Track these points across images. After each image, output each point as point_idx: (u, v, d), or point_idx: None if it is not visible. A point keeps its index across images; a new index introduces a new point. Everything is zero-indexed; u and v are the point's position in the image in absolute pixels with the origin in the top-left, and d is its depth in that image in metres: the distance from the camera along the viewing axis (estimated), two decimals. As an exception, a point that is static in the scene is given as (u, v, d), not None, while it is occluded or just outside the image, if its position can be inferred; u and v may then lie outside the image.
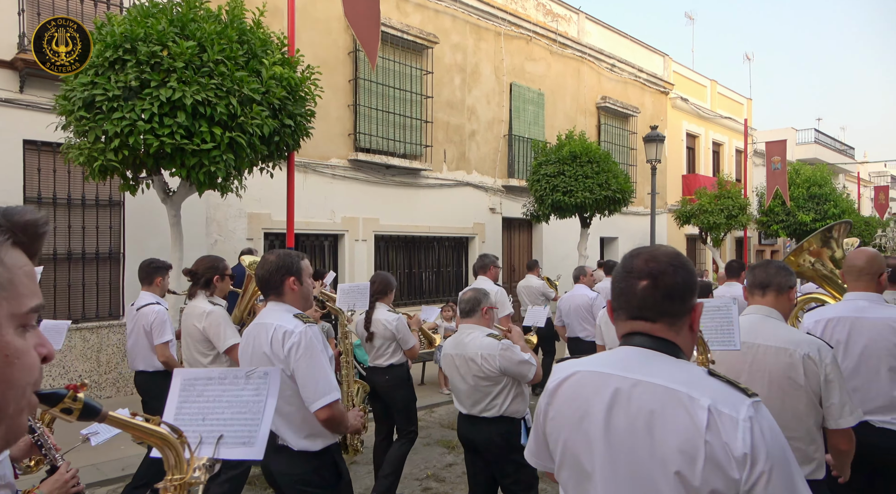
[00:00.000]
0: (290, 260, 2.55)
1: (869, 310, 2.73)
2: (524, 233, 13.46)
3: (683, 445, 1.17)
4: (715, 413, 1.16)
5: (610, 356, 1.39)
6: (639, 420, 1.23)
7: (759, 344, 2.28)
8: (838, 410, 2.16)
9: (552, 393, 1.42)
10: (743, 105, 21.81)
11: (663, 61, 17.54)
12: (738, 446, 1.14)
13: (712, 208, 14.48)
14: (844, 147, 30.22)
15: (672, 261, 1.34)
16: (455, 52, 11.35)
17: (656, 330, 1.32)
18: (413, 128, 10.53)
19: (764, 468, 1.13)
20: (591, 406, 1.30)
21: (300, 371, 2.33)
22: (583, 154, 10.18)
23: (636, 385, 1.26)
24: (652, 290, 1.31)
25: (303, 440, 2.40)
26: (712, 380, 1.24)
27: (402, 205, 10.44)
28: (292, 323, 2.40)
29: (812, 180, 18.44)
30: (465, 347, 3.22)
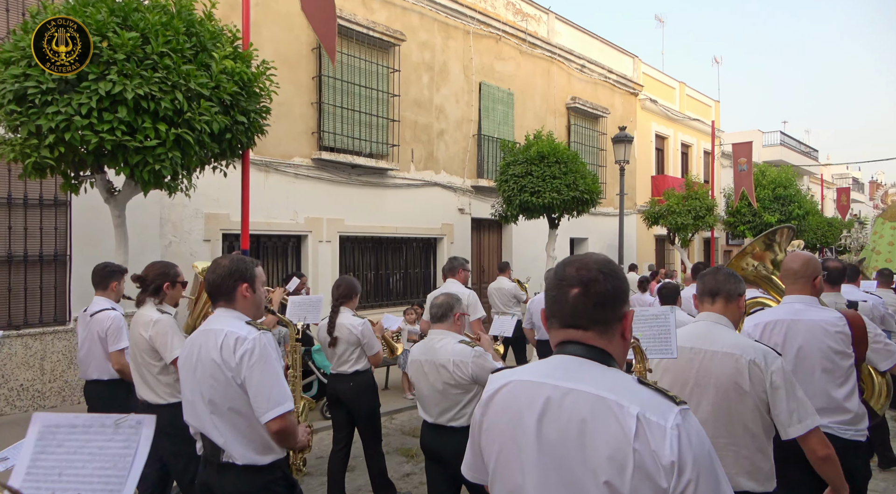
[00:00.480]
0: (244, 266, 2.44)
1: (804, 313, 2.78)
2: (494, 233, 13.36)
3: (613, 453, 1.16)
4: (643, 421, 1.16)
5: (543, 364, 1.37)
6: (570, 429, 1.22)
7: (705, 349, 2.25)
8: (787, 418, 2.11)
9: (486, 403, 1.39)
10: (711, 107, 22.08)
11: (633, 63, 17.63)
12: (665, 454, 1.13)
13: (680, 209, 14.58)
14: (809, 149, 30.90)
15: (602, 269, 1.33)
16: (423, 51, 11.17)
17: (588, 338, 1.32)
18: (379, 126, 10.32)
19: (691, 476, 1.13)
20: (524, 416, 1.28)
21: (253, 379, 2.21)
22: (550, 154, 10.10)
23: (568, 393, 1.25)
24: (583, 298, 1.31)
25: (251, 453, 2.26)
26: (642, 388, 1.24)
27: (368, 206, 10.23)
28: (245, 330, 2.28)
29: (777, 181, 18.76)
30: (435, 353, 3.13)
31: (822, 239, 21.11)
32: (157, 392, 3.34)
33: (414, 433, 5.97)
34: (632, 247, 17.20)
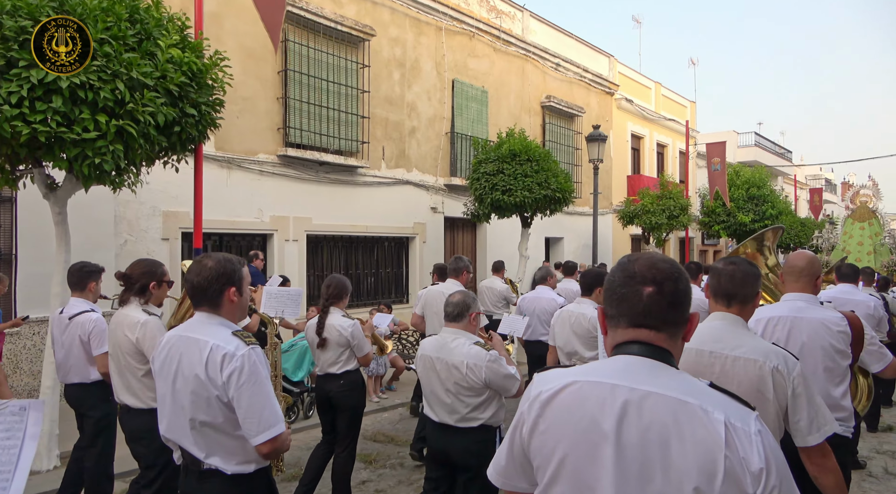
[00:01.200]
0: (232, 267, 2.26)
1: (807, 311, 2.79)
2: (468, 232, 13.20)
3: (703, 461, 1.15)
4: (731, 427, 1.16)
5: (609, 365, 1.32)
6: (652, 433, 1.19)
7: (726, 354, 2.16)
8: (807, 425, 2.04)
9: (545, 403, 1.32)
10: (686, 107, 22.20)
11: (609, 62, 17.62)
12: (754, 461, 1.14)
13: (654, 208, 14.57)
14: (783, 150, 31.28)
15: (675, 269, 1.32)
16: (394, 46, 10.97)
17: (659, 339, 1.29)
18: (349, 123, 10.10)
19: (775, 482, 1.15)
20: (599, 418, 1.24)
21: (242, 401, 2.07)
22: (522, 152, 9.97)
23: (646, 396, 1.22)
24: (658, 297, 1.28)
25: (234, 466, 2.16)
26: (717, 393, 1.23)
27: (337, 204, 10.00)
28: (233, 344, 2.11)
29: (751, 182, 18.89)
30: (450, 353, 3.08)
31: (795, 239, 21.34)
32: (140, 396, 3.22)
33: (375, 438, 5.78)
34: (607, 247, 17.18)
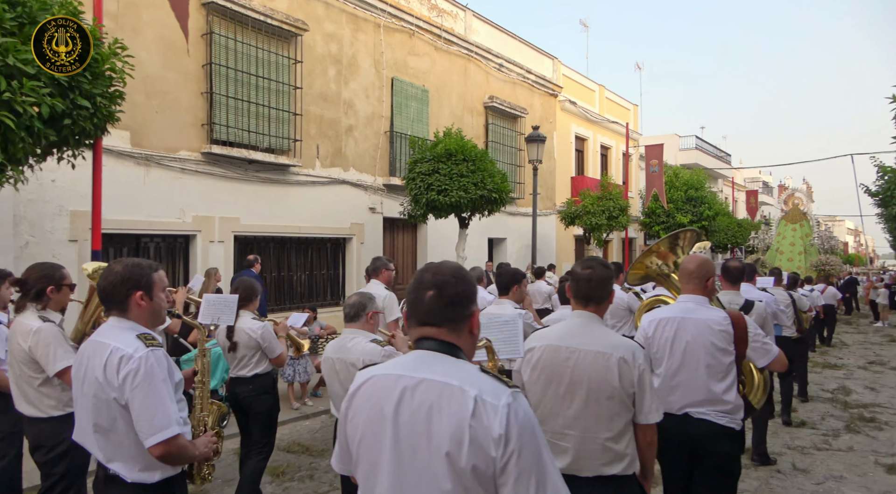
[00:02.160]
0: (140, 272, 2.28)
1: (694, 311, 2.96)
2: (408, 233, 13.04)
3: (454, 430, 1.34)
4: (480, 401, 1.34)
5: (403, 359, 1.54)
6: (420, 412, 1.39)
7: (580, 348, 2.36)
8: (648, 406, 2.30)
9: (352, 397, 1.54)
10: (630, 110, 22.63)
11: (553, 64, 17.76)
12: (495, 428, 1.31)
13: (594, 209, 14.74)
14: (722, 154, 32.34)
15: (454, 274, 1.54)
16: (329, 42, 10.71)
17: (441, 334, 1.50)
18: (280, 120, 9.78)
19: (515, 446, 1.31)
20: (383, 404, 1.44)
21: (135, 402, 2.09)
22: (458, 152, 9.87)
23: (421, 382, 1.42)
24: (437, 299, 1.50)
25: (138, 473, 2.15)
26: (483, 375, 1.42)
27: (268, 204, 9.67)
28: (132, 346, 2.13)
29: (689, 184, 19.39)
30: (347, 352, 3.18)
31: (731, 239, 22.07)
32: (39, 405, 3.09)
33: (289, 449, 5.54)
34: (551, 247, 17.31)
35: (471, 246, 13.34)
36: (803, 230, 23.34)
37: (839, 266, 23.84)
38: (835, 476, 5.09)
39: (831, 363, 10.82)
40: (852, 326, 17.39)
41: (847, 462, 5.45)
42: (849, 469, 5.27)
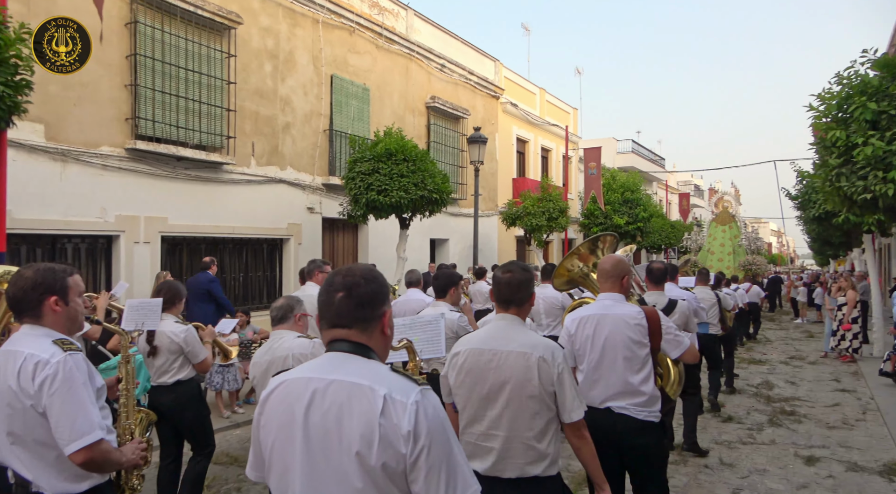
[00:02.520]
0: (53, 277, 2.19)
1: (611, 308, 3.10)
2: (348, 234, 12.81)
3: (363, 429, 1.34)
4: (389, 400, 1.35)
5: (315, 362, 1.53)
6: (330, 413, 1.39)
7: (501, 349, 2.39)
8: (570, 404, 2.33)
9: (263, 402, 1.53)
10: (569, 114, 23.09)
11: (494, 66, 17.88)
12: (404, 425, 1.33)
13: (535, 210, 14.92)
14: (657, 157, 33.52)
15: (364, 275, 1.54)
16: (265, 37, 10.36)
17: (352, 335, 1.50)
18: (212, 116, 9.38)
19: (424, 442, 1.33)
20: (294, 408, 1.43)
21: (54, 408, 1.99)
22: (398, 152, 9.75)
23: (331, 383, 1.42)
24: (347, 300, 1.50)
25: (62, 482, 2.06)
26: (393, 374, 1.44)
27: (199, 203, 9.26)
28: (48, 352, 2.04)
29: (626, 186, 19.95)
30: (275, 351, 3.15)
31: (665, 239, 22.88)
32: None
33: (216, 460, 5.27)
34: (493, 249, 17.43)
35: (413, 247, 13.25)
36: (732, 231, 24.51)
37: (764, 265, 25.11)
38: (758, 470, 5.29)
39: (756, 358, 11.34)
40: (775, 323, 18.34)
41: (769, 456, 5.67)
42: (771, 462, 5.49)
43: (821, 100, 6.81)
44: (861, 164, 6.30)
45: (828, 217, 11.92)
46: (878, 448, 5.88)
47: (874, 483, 4.97)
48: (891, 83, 6.27)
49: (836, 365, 10.67)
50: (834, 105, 6.63)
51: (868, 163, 6.22)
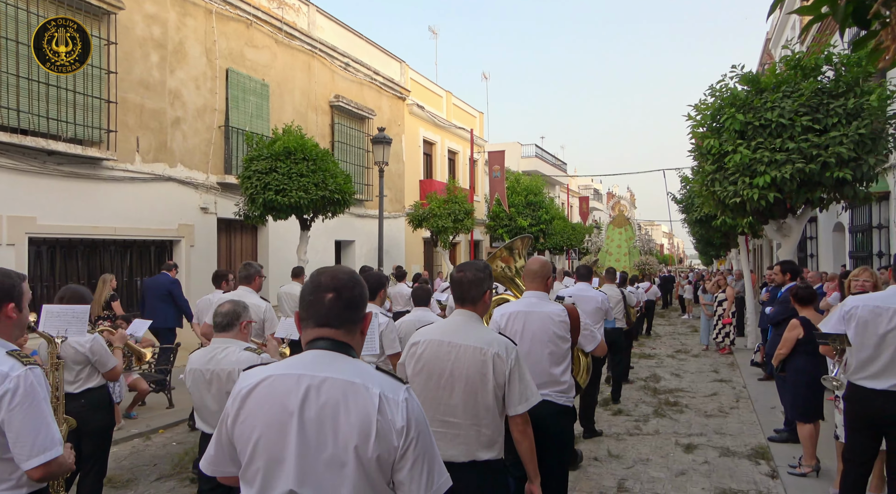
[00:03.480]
0: (10, 283, 2.17)
1: (537, 305, 3.36)
2: (247, 235, 12.26)
3: (361, 424, 1.46)
4: (384, 398, 1.49)
5: (300, 359, 1.58)
6: (327, 409, 1.49)
7: (459, 343, 2.54)
8: (517, 399, 2.51)
9: (244, 397, 1.55)
10: (476, 117, 23.47)
11: (400, 67, 17.83)
12: (398, 420, 1.49)
13: (441, 212, 15.01)
14: (559, 162, 34.88)
15: (352, 278, 1.64)
16: (151, 24, 9.69)
17: (338, 335, 1.59)
18: (89, 107, 8.63)
19: (413, 435, 1.50)
20: (286, 402, 1.50)
21: (14, 422, 1.97)
22: (298, 150, 9.45)
23: (325, 381, 1.51)
24: (336, 301, 1.59)
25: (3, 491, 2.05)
26: (379, 373, 1.57)
27: (74, 202, 8.49)
28: (7, 365, 2.01)
29: (530, 189, 20.56)
30: (219, 363, 3.07)
31: (567, 241, 23.80)
32: None
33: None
34: (400, 250, 17.36)
35: (316, 249, 12.90)
36: (627, 233, 25.94)
37: (656, 265, 26.77)
38: (642, 459, 5.56)
39: (646, 353, 12.02)
40: (665, 319, 19.58)
41: (653, 445, 5.99)
42: (654, 452, 5.79)
43: (697, 110, 7.31)
44: (732, 171, 6.82)
45: (708, 220, 12.86)
46: (748, 434, 6.37)
47: (743, 466, 5.37)
48: (755, 97, 6.83)
49: (716, 357, 11.53)
50: (708, 115, 7.15)
51: (737, 169, 6.74)
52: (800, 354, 4.90)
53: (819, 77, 6.86)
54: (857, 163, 6.42)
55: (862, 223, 10.24)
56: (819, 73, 6.89)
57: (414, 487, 1.50)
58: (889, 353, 3.43)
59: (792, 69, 6.95)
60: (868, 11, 1.69)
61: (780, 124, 6.52)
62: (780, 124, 6.52)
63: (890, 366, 3.43)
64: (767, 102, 6.65)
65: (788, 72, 6.94)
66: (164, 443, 6.07)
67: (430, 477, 1.52)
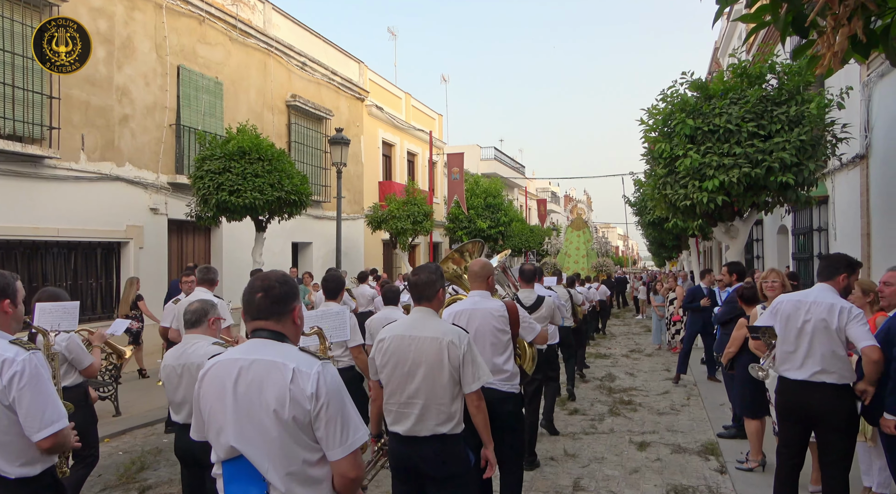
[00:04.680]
0: (5, 281, 2.44)
1: (480, 303, 3.73)
2: (200, 237, 11.93)
3: (278, 393, 1.85)
4: (297, 371, 1.86)
5: (242, 346, 2.01)
6: (253, 384, 1.89)
7: (419, 335, 2.90)
8: (470, 379, 2.88)
9: (201, 379, 2.01)
10: (435, 120, 23.49)
11: (359, 68, 17.69)
12: (308, 388, 1.84)
13: (400, 214, 14.95)
14: (518, 165, 35.23)
15: (278, 280, 2.04)
16: (97, 18, 9.33)
17: (269, 325, 2.00)
18: (29, 103, 8.24)
19: (324, 400, 1.85)
20: (225, 380, 1.93)
21: (24, 400, 2.26)
22: (253, 150, 9.25)
23: (253, 362, 1.92)
24: (265, 299, 2.00)
25: (18, 468, 2.33)
26: (301, 353, 1.95)
27: (13, 202, 8.10)
28: (12, 351, 2.29)
29: (489, 191, 20.69)
30: (189, 357, 3.27)
31: (525, 243, 24.04)
32: None
33: None
34: (359, 252, 17.20)
35: (273, 251, 12.66)
36: (585, 236, 26.41)
37: (612, 267, 27.33)
38: (598, 458, 5.65)
39: (602, 353, 12.24)
40: (620, 319, 19.99)
41: (608, 444, 6.09)
42: (609, 450, 5.89)
43: (649, 115, 7.50)
44: (682, 174, 7.01)
45: (660, 222, 13.20)
46: (698, 431, 6.55)
47: (693, 463, 5.51)
48: (704, 103, 7.05)
49: (668, 356, 11.83)
50: (660, 120, 7.33)
51: (687, 173, 6.94)
52: (747, 352, 5.06)
53: (763, 85, 7.13)
54: (798, 168, 6.70)
55: (803, 226, 10.69)
56: (763, 81, 7.16)
57: (331, 441, 1.85)
58: (806, 344, 3.63)
59: (738, 77, 7.19)
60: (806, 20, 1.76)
61: (727, 130, 6.74)
62: (727, 130, 6.74)
63: (808, 357, 3.63)
64: (716, 108, 6.87)
65: (735, 79, 7.19)
66: (111, 453, 5.84)
67: (345, 431, 1.86)
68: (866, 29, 1.66)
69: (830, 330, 3.56)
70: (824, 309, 3.59)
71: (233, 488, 1.91)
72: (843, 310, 3.54)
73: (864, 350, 3.43)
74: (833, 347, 3.56)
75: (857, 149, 7.75)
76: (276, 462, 1.85)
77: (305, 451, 1.86)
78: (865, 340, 3.44)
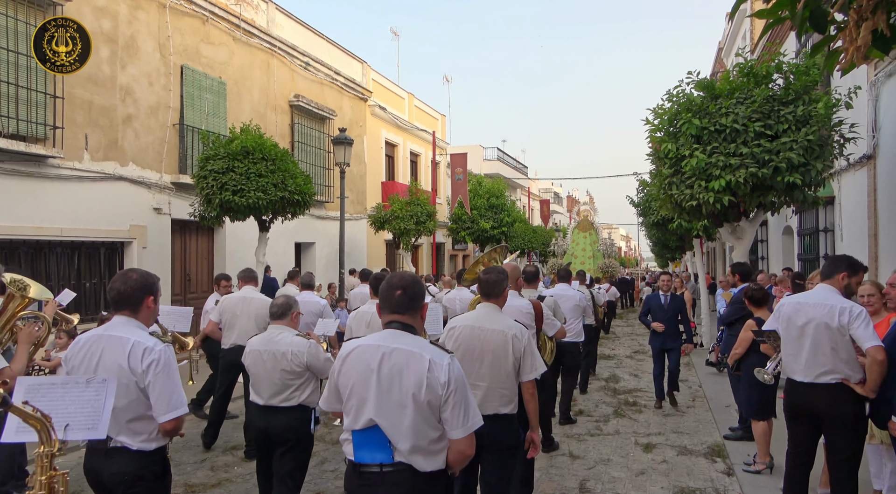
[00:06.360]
0: (152, 281, 2.79)
1: (511, 301, 3.95)
2: (203, 237, 11.91)
3: (417, 379, 2.22)
4: (432, 362, 2.26)
5: (379, 335, 2.38)
6: (395, 368, 2.25)
7: (487, 327, 3.34)
8: (528, 369, 3.33)
9: (344, 359, 2.38)
10: (438, 120, 23.46)
11: (362, 68, 17.66)
12: (441, 377, 2.23)
13: (403, 214, 14.92)
14: (521, 165, 35.19)
15: (413, 280, 2.47)
16: (100, 17, 9.32)
17: (405, 319, 2.40)
18: (33, 102, 8.22)
19: (453, 388, 2.24)
20: (370, 362, 2.28)
21: (157, 385, 2.56)
22: (256, 150, 9.22)
23: (394, 350, 2.28)
24: (404, 296, 2.39)
25: (140, 443, 2.61)
26: (433, 347, 2.34)
27: (16, 201, 8.08)
28: (151, 341, 2.61)
29: (491, 192, 20.65)
30: (275, 344, 3.76)
31: (528, 243, 24.00)
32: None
33: None
34: (361, 252, 17.18)
35: (276, 251, 12.65)
36: (591, 237, 26.40)
37: (617, 267, 27.28)
38: (603, 460, 5.61)
39: (606, 354, 12.19)
40: (624, 320, 19.92)
41: (613, 445, 6.05)
42: (614, 452, 5.85)
43: (655, 115, 7.44)
44: (688, 174, 6.96)
45: (664, 223, 13.13)
46: (704, 432, 6.50)
47: (700, 465, 5.47)
48: (710, 103, 6.99)
49: (672, 356, 11.76)
50: (666, 120, 7.28)
51: (693, 173, 6.89)
52: (754, 353, 5.02)
53: (770, 84, 7.07)
54: (805, 169, 6.64)
55: (809, 226, 10.63)
56: (770, 81, 7.10)
57: (454, 422, 2.24)
58: (808, 346, 3.61)
59: (745, 76, 7.14)
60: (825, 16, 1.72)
61: (734, 129, 6.69)
62: (734, 129, 6.69)
63: (810, 360, 3.61)
64: (722, 108, 6.82)
65: (741, 79, 7.13)
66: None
67: (466, 416, 2.25)
68: (888, 23, 1.63)
69: (832, 330, 3.54)
70: (825, 310, 3.58)
71: (362, 452, 2.26)
72: (844, 310, 3.52)
73: (869, 350, 3.39)
74: (836, 347, 3.54)
75: (865, 149, 7.70)
76: (408, 434, 2.20)
77: (431, 429, 2.23)
78: (870, 341, 3.41)
